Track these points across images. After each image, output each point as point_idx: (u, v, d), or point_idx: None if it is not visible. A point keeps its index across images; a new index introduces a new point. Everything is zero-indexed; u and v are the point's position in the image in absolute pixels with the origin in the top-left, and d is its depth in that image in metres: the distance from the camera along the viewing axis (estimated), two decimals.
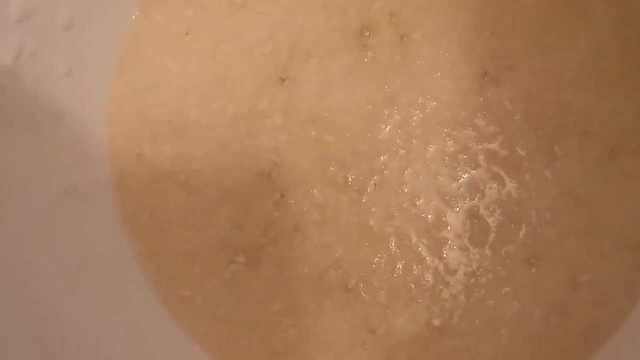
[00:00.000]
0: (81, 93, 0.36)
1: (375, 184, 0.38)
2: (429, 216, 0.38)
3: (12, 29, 0.31)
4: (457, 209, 0.38)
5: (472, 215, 0.38)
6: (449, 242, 0.38)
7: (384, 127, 0.39)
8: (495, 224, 0.38)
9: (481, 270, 0.37)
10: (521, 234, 0.38)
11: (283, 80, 0.39)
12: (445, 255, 0.38)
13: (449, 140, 0.39)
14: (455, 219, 0.38)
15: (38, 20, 0.32)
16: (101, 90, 0.38)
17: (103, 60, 0.38)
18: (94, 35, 0.37)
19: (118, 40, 0.39)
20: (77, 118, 0.36)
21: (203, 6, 0.40)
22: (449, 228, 0.38)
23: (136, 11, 0.39)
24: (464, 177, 0.38)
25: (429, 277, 0.38)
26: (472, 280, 0.37)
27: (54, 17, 0.33)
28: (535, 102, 0.39)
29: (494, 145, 0.39)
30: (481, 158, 0.38)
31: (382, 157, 0.38)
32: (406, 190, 0.38)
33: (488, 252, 0.38)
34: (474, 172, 0.38)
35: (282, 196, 0.38)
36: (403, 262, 0.38)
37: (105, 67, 0.38)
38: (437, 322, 0.37)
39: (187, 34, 0.39)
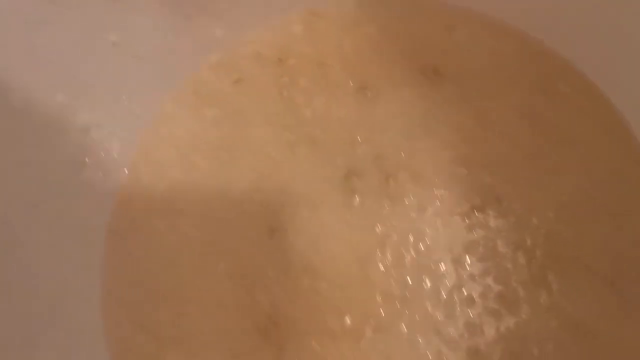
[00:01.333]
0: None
1: (372, 329, 0.38)
2: (430, 356, 0.38)
3: None
4: (457, 348, 0.38)
5: (473, 353, 0.38)
6: None
7: (376, 269, 0.39)
8: None
9: None
10: None
11: (273, 232, 0.39)
12: None
13: (443, 279, 0.39)
14: (456, 358, 0.38)
15: None
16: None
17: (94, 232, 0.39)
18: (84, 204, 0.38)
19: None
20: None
21: (191, 164, 0.40)
22: None
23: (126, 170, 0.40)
24: (462, 314, 0.38)
25: None
26: None
27: None
28: (525, 232, 0.39)
29: (488, 280, 0.38)
30: (476, 294, 0.38)
31: (377, 300, 0.39)
32: (404, 332, 0.38)
33: None
34: (471, 309, 0.38)
35: (280, 349, 0.38)
36: None
37: (97, 237, 0.39)
38: None
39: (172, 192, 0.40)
